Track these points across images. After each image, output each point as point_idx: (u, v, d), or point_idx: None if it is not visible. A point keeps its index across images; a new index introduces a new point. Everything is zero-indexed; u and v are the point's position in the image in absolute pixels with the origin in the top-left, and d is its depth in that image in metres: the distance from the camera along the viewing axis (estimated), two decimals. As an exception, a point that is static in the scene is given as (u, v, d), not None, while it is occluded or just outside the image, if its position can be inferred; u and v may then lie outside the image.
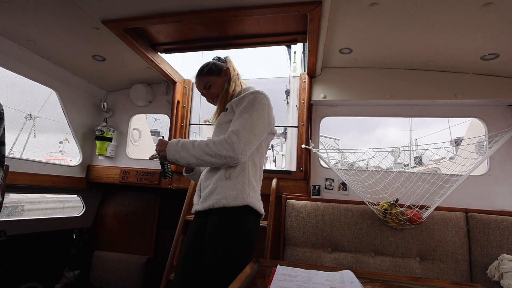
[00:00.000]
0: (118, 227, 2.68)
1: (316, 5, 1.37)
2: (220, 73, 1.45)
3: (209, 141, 1.23)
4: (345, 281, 0.93)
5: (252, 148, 1.24)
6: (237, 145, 1.17)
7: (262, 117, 1.27)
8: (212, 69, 1.45)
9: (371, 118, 2.30)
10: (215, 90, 1.44)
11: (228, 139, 1.18)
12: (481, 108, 2.08)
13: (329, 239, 1.88)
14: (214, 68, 1.45)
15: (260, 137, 1.28)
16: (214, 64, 1.47)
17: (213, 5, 1.47)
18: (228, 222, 1.21)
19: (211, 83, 1.43)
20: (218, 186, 1.25)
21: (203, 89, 1.46)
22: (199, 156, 1.21)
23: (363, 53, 1.95)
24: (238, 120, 1.23)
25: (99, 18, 1.59)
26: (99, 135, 2.47)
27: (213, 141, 1.21)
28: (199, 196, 1.34)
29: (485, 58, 1.79)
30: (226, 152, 1.18)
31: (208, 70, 1.44)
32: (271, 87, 2.66)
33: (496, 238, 1.71)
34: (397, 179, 1.91)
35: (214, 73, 1.44)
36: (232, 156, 1.18)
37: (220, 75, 1.45)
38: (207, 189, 1.28)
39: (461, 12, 1.41)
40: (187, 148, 1.23)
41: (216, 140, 1.20)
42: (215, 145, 1.19)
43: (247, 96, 1.30)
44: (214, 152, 1.18)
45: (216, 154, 1.18)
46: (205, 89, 1.45)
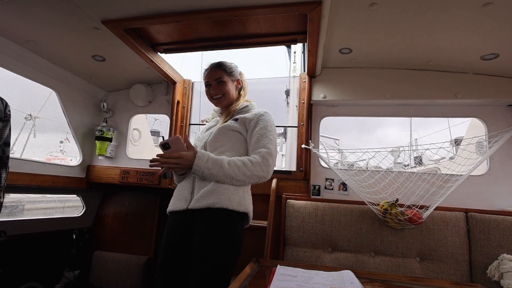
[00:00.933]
0: (118, 227, 2.68)
1: (316, 5, 1.37)
2: (235, 79, 1.47)
3: (245, 161, 1.23)
4: (345, 281, 0.93)
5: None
6: (271, 167, 1.26)
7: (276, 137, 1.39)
8: (232, 70, 1.45)
9: (371, 118, 2.30)
10: (224, 89, 1.42)
11: (266, 161, 1.23)
12: (481, 108, 2.08)
13: (329, 239, 1.88)
14: (234, 71, 1.46)
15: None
16: (235, 68, 1.48)
17: (213, 5, 1.47)
18: (228, 225, 1.20)
19: (224, 80, 1.42)
20: (220, 187, 1.23)
21: (214, 80, 1.42)
22: (235, 176, 1.20)
23: (363, 53, 1.95)
24: (265, 141, 1.28)
25: (99, 18, 1.59)
26: (99, 135, 2.47)
27: (250, 162, 1.22)
28: (190, 194, 1.28)
29: (485, 58, 1.79)
30: (262, 173, 1.23)
31: (228, 68, 1.43)
32: (271, 87, 2.66)
33: (496, 238, 1.71)
34: (397, 179, 1.91)
35: (231, 75, 1.44)
36: (265, 176, 1.25)
37: (234, 80, 1.46)
38: (206, 188, 1.24)
39: (461, 12, 1.42)
40: (221, 166, 1.20)
41: (253, 161, 1.23)
42: (254, 165, 1.22)
43: (264, 116, 1.35)
44: (252, 173, 1.21)
45: (253, 175, 1.22)
46: (215, 81, 1.42)
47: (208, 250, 1.15)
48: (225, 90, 1.41)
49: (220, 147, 1.32)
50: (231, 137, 1.33)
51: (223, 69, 1.42)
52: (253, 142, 1.30)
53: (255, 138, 1.30)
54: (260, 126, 1.31)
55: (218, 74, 1.41)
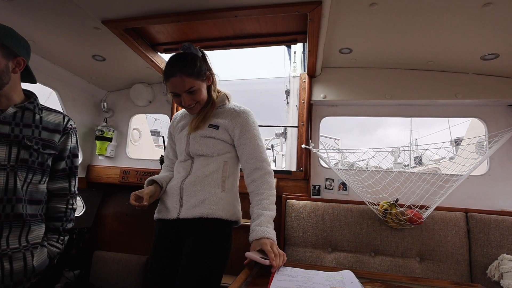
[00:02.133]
0: (118, 227, 2.68)
1: (316, 5, 1.37)
2: (205, 78, 1.27)
3: (268, 189, 1.22)
4: (345, 281, 0.93)
5: None
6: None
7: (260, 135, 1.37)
8: (201, 69, 1.23)
9: (371, 118, 2.30)
10: (198, 97, 1.24)
11: (268, 171, 1.27)
12: (481, 108, 2.08)
13: (329, 239, 1.88)
14: (202, 69, 1.24)
15: None
16: (201, 62, 1.25)
17: (213, 5, 1.47)
18: (222, 235, 1.20)
19: (196, 88, 1.22)
20: (213, 195, 1.20)
21: (184, 92, 1.20)
22: (274, 205, 1.22)
23: (363, 53, 1.95)
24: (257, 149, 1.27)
25: (99, 18, 1.59)
26: (99, 135, 2.47)
27: (269, 184, 1.23)
28: (179, 202, 1.23)
29: (485, 58, 1.79)
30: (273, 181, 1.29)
31: (197, 70, 1.21)
32: (271, 87, 2.66)
33: (496, 238, 1.71)
34: (397, 179, 1.91)
35: (200, 75, 1.23)
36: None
37: (204, 79, 1.26)
38: (197, 197, 1.19)
39: (461, 12, 1.41)
40: (272, 216, 1.17)
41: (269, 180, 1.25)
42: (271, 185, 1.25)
43: (246, 121, 1.29)
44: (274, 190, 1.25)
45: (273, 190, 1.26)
46: (186, 92, 1.21)
47: (201, 259, 1.14)
48: (199, 98, 1.25)
49: (204, 153, 1.27)
50: (215, 145, 1.27)
51: (192, 75, 1.19)
52: (247, 154, 1.26)
53: (248, 150, 1.26)
54: (248, 135, 1.27)
55: (188, 84, 1.19)
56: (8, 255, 1.07)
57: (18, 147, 1.13)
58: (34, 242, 1.17)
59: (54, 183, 1.30)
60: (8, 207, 1.08)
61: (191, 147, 1.29)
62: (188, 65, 1.20)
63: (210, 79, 1.30)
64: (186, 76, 1.18)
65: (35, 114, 1.23)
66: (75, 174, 1.38)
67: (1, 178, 1.08)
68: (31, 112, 1.22)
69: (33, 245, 1.17)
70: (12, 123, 1.14)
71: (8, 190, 1.09)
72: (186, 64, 1.20)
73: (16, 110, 1.17)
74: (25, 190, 1.15)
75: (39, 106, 1.28)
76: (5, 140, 1.11)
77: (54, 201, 1.30)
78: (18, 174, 1.12)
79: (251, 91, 5.03)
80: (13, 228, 1.10)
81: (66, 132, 1.32)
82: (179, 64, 1.19)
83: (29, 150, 1.16)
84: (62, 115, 1.34)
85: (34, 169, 1.18)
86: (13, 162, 1.11)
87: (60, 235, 1.30)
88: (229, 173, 1.29)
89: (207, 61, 1.31)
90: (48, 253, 1.25)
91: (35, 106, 1.24)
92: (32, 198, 1.18)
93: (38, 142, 1.19)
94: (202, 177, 1.24)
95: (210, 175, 1.24)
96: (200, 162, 1.28)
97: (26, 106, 1.20)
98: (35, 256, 1.16)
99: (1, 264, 1.04)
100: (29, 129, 1.18)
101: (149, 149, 3.17)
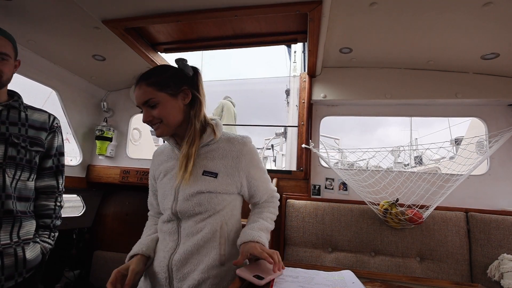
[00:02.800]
0: (119, 227, 2.68)
1: (316, 5, 1.37)
2: (175, 93, 1.01)
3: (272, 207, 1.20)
4: (346, 281, 0.93)
5: None
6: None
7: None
8: (168, 81, 1.00)
9: (372, 118, 2.30)
10: (161, 114, 0.99)
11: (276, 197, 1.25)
12: (482, 108, 2.08)
13: (329, 239, 1.88)
14: (171, 81, 1.01)
15: None
16: (173, 76, 1.02)
17: (213, 5, 1.47)
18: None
19: (157, 102, 0.98)
20: (211, 276, 0.96)
21: (142, 104, 1.00)
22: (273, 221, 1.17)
23: (363, 53, 1.95)
24: (267, 185, 1.18)
25: (99, 17, 1.59)
26: (99, 135, 2.47)
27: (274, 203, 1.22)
28: (168, 284, 0.98)
29: (485, 58, 1.79)
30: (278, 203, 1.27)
31: (161, 81, 0.99)
32: (271, 87, 2.66)
33: (496, 237, 1.71)
34: (397, 179, 1.91)
35: (166, 89, 0.99)
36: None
37: (174, 95, 1.01)
38: (193, 279, 0.95)
39: (461, 12, 1.41)
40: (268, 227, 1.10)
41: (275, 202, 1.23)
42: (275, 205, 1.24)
43: (253, 153, 1.09)
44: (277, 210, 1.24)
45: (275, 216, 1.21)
46: (146, 105, 0.99)
47: None
48: (161, 115, 0.99)
49: (196, 213, 1.00)
50: (211, 200, 1.01)
51: (153, 85, 0.98)
52: (260, 195, 1.15)
53: (261, 191, 1.15)
54: (258, 175, 1.11)
55: (146, 95, 0.98)
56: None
57: (5, 144, 1.15)
58: (25, 238, 1.19)
59: (42, 181, 1.32)
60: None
61: (180, 206, 1.01)
62: (153, 74, 1.01)
63: (187, 97, 1.04)
64: (145, 85, 0.98)
65: (21, 112, 1.24)
66: (62, 172, 1.40)
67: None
68: (16, 110, 1.24)
69: (25, 241, 1.19)
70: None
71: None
72: (151, 73, 1.02)
73: (2, 108, 1.19)
74: (14, 187, 1.17)
75: (24, 104, 1.29)
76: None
77: (42, 198, 1.32)
78: (7, 171, 1.14)
79: (251, 90, 5.02)
80: (3, 224, 1.12)
81: (52, 130, 1.34)
82: (145, 74, 1.02)
83: (16, 147, 1.17)
84: (47, 114, 1.35)
85: (22, 166, 1.20)
86: (1, 159, 1.13)
87: (51, 232, 1.33)
88: (229, 232, 1.04)
89: (195, 79, 1.08)
90: (41, 248, 1.27)
91: (20, 104, 1.26)
92: (21, 195, 1.20)
93: (26, 140, 1.21)
94: (193, 250, 0.97)
95: (205, 246, 0.98)
96: (190, 227, 1.00)
97: (11, 104, 1.22)
98: (27, 251, 1.18)
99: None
100: (15, 127, 1.20)
101: (149, 149, 3.17)
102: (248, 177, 1.08)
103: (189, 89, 1.04)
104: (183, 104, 1.04)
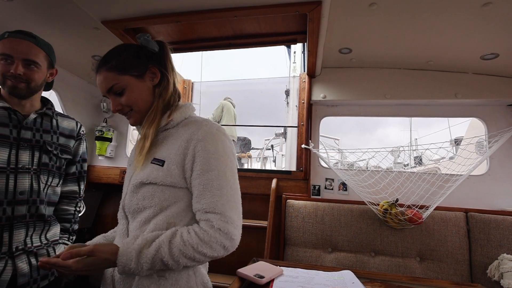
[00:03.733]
0: (118, 227, 2.68)
1: (316, 5, 1.37)
2: (141, 74, 0.88)
3: (194, 243, 0.73)
4: (346, 281, 0.93)
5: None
6: (236, 236, 0.76)
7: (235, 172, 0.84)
8: (130, 63, 0.86)
9: (371, 118, 2.30)
10: (130, 100, 0.86)
11: (222, 233, 0.74)
12: (481, 108, 2.08)
13: (329, 239, 1.88)
14: (134, 60, 0.87)
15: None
16: (133, 54, 0.88)
17: (212, 6, 1.47)
18: None
19: (122, 86, 0.85)
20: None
21: (107, 92, 0.87)
22: (177, 266, 0.74)
23: (363, 53, 1.95)
24: (214, 191, 0.76)
25: (99, 18, 1.59)
26: (99, 136, 2.47)
27: (199, 241, 0.73)
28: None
29: (485, 58, 1.79)
30: (222, 252, 0.75)
31: (121, 63, 0.86)
32: (271, 87, 2.66)
33: (496, 237, 1.71)
34: (397, 179, 1.91)
35: (129, 71, 0.86)
36: (230, 251, 0.77)
37: (139, 76, 0.87)
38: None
39: (461, 12, 1.41)
40: (161, 259, 0.72)
41: (204, 239, 0.73)
42: (206, 247, 0.73)
43: (208, 136, 0.81)
44: (205, 257, 0.74)
45: (206, 259, 0.76)
46: (110, 93, 0.87)
47: None
48: (129, 101, 0.86)
49: (141, 210, 0.82)
50: (155, 194, 0.81)
51: (113, 69, 0.85)
52: (195, 196, 0.79)
53: (197, 189, 0.78)
54: (201, 166, 0.79)
55: (109, 82, 0.85)
56: (34, 252, 1.14)
57: (39, 152, 1.19)
58: (53, 240, 1.25)
59: (65, 186, 1.36)
60: (33, 207, 1.15)
61: (126, 200, 0.87)
62: (112, 56, 0.87)
63: (155, 76, 0.90)
64: (106, 70, 0.85)
65: (52, 119, 1.29)
66: (84, 178, 1.45)
67: (26, 181, 1.14)
68: (49, 117, 1.28)
69: (53, 242, 1.25)
70: (33, 129, 1.20)
71: (33, 192, 1.15)
72: (111, 55, 0.88)
73: (36, 116, 1.22)
74: (45, 192, 1.22)
75: (55, 112, 1.34)
76: (28, 145, 1.16)
77: (64, 203, 1.36)
78: (41, 177, 1.19)
79: (251, 91, 5.02)
80: (36, 228, 1.17)
81: (79, 138, 1.39)
82: (104, 57, 0.88)
83: (49, 154, 1.22)
84: (75, 121, 1.40)
85: (53, 173, 1.24)
86: (36, 166, 1.18)
87: (70, 235, 1.37)
88: None
89: (162, 55, 0.93)
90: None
91: (53, 112, 1.30)
92: (50, 200, 1.25)
93: (57, 147, 1.26)
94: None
95: None
96: (135, 229, 0.83)
97: (45, 112, 1.26)
98: (57, 251, 1.24)
99: (28, 260, 1.11)
100: (48, 135, 1.24)
101: (149, 149, 3.16)
102: (194, 170, 0.79)
103: (156, 67, 0.89)
104: (152, 85, 0.89)
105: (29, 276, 1.11)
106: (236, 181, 0.83)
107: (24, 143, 1.15)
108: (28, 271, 1.10)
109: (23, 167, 1.13)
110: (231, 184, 0.80)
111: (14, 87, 1.14)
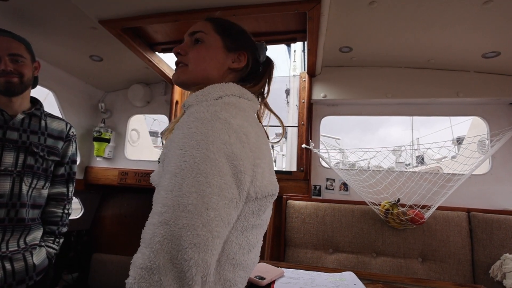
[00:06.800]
0: (117, 229, 2.66)
1: (315, 4, 1.36)
2: (232, 50, 0.83)
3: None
4: (348, 283, 0.92)
5: (217, 248, 0.55)
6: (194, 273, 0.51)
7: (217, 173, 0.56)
8: (231, 33, 0.84)
9: (373, 118, 2.28)
10: (197, 53, 0.80)
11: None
12: (483, 107, 2.07)
13: (330, 239, 1.86)
14: (236, 37, 0.84)
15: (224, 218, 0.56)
16: (246, 37, 0.88)
17: (211, 4, 1.46)
18: None
19: (203, 39, 0.80)
20: None
21: (188, 34, 0.83)
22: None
23: (363, 52, 1.93)
24: (166, 199, 0.55)
25: (96, 18, 1.57)
26: (96, 136, 2.45)
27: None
28: None
29: (486, 56, 1.78)
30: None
31: (226, 28, 0.84)
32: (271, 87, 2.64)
33: (498, 237, 1.69)
34: (399, 179, 1.89)
35: (226, 37, 0.83)
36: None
37: (229, 51, 0.83)
38: None
39: (462, 10, 1.40)
40: None
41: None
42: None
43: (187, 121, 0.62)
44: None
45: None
46: (190, 35, 0.83)
47: None
48: (195, 57, 0.80)
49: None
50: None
51: (213, 22, 0.83)
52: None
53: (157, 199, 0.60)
54: (168, 157, 0.61)
55: (200, 27, 0.82)
56: (8, 257, 1.10)
57: (25, 153, 1.17)
58: (32, 244, 1.21)
59: (53, 188, 1.33)
60: (12, 211, 1.12)
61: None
62: (223, 20, 0.87)
63: (239, 61, 0.84)
64: (208, 21, 0.85)
65: (41, 120, 1.26)
66: (73, 180, 1.41)
67: (7, 184, 1.11)
68: (37, 118, 1.25)
69: (31, 246, 1.20)
70: (20, 130, 1.17)
71: (13, 195, 1.13)
72: (222, 19, 0.87)
73: (24, 116, 1.20)
74: (29, 195, 1.19)
75: (44, 112, 1.31)
76: (13, 146, 1.14)
77: (51, 205, 1.33)
78: (24, 180, 1.16)
79: (251, 91, 4.99)
80: (14, 232, 1.14)
81: (68, 139, 1.36)
82: (215, 17, 0.87)
83: (35, 156, 1.19)
84: (64, 122, 1.38)
85: (39, 175, 1.22)
86: (20, 168, 1.15)
87: (56, 238, 1.34)
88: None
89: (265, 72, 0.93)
90: (46, 253, 1.29)
91: (42, 113, 1.27)
92: (35, 203, 1.22)
93: (44, 149, 1.23)
94: None
95: None
96: None
97: (33, 113, 1.23)
98: (35, 255, 1.20)
99: (2, 265, 1.08)
100: (35, 136, 1.21)
101: (147, 150, 3.15)
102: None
103: (247, 55, 0.84)
104: (227, 65, 0.81)
105: (3, 282, 1.07)
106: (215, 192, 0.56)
107: (9, 144, 1.13)
108: (2, 276, 1.07)
109: (5, 169, 1.11)
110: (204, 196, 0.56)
111: (8, 82, 1.12)
